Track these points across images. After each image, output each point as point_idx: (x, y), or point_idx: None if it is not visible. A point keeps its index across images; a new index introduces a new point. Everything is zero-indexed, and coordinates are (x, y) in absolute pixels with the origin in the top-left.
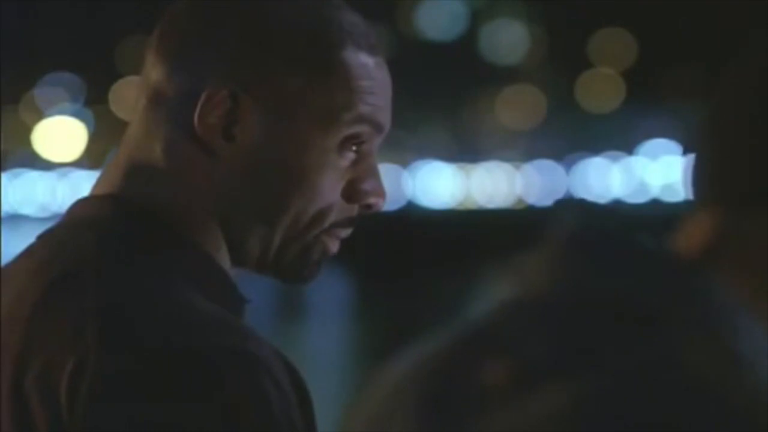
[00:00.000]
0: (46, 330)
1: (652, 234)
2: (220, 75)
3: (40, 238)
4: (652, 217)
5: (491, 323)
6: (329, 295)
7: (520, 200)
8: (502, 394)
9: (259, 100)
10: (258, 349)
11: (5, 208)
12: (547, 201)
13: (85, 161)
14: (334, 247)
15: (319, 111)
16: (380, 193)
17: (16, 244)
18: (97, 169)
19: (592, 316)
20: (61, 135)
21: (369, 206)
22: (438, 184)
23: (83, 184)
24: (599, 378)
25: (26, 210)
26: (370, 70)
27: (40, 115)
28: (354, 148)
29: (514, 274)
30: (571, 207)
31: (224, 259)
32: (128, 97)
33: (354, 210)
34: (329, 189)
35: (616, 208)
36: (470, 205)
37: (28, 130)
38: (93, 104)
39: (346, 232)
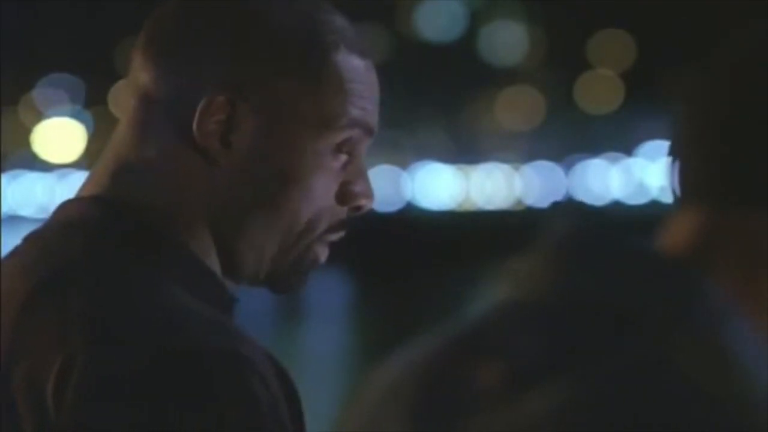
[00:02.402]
0: (32, 331)
1: (651, 235)
2: (216, 81)
3: (27, 239)
4: (652, 218)
5: (486, 324)
6: (328, 296)
7: (519, 202)
8: (496, 395)
9: (255, 106)
10: (247, 350)
11: (4, 209)
12: (546, 202)
13: (84, 162)
14: (323, 255)
15: (314, 115)
16: (369, 194)
17: (14, 244)
18: None
19: (586, 317)
20: (60, 136)
21: (358, 208)
22: (437, 186)
23: None
24: (594, 379)
25: (25, 211)
26: (360, 73)
27: (39, 117)
28: (345, 150)
29: (509, 276)
30: (567, 209)
31: (213, 264)
32: (127, 98)
33: (345, 212)
34: (324, 192)
35: (613, 210)
36: (469, 207)
37: (27, 132)
38: (92, 106)
39: (337, 236)
